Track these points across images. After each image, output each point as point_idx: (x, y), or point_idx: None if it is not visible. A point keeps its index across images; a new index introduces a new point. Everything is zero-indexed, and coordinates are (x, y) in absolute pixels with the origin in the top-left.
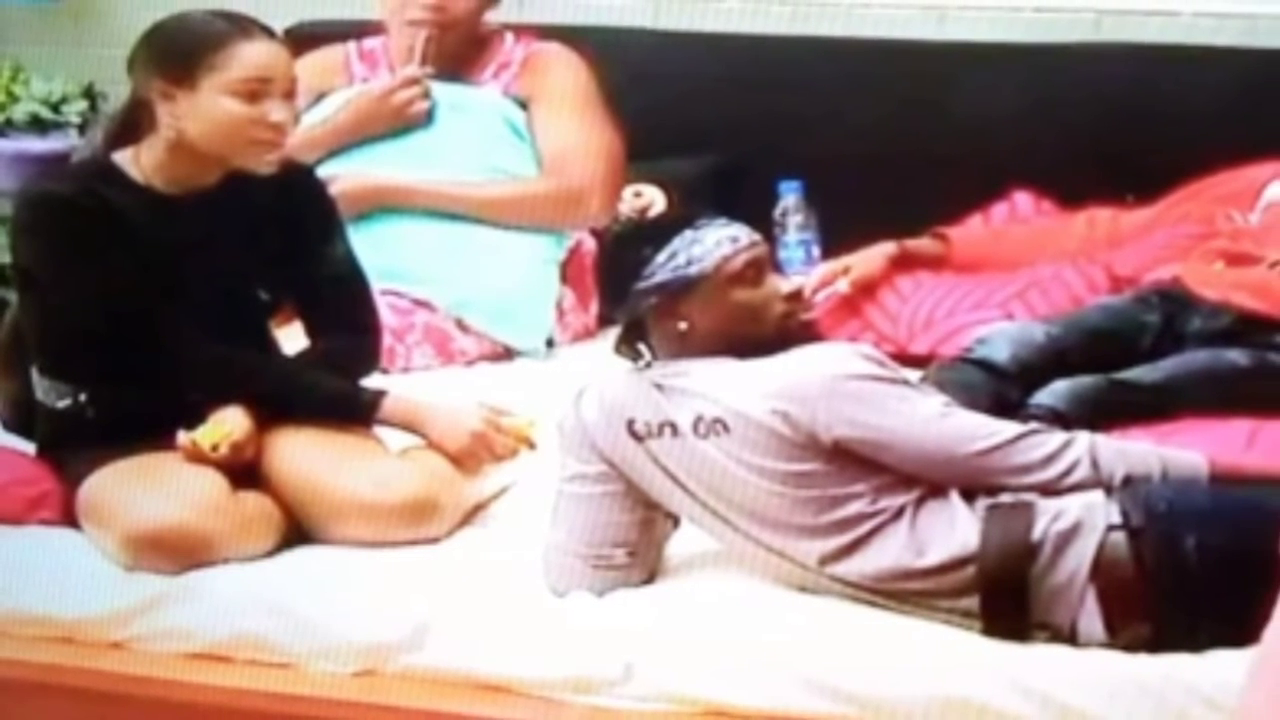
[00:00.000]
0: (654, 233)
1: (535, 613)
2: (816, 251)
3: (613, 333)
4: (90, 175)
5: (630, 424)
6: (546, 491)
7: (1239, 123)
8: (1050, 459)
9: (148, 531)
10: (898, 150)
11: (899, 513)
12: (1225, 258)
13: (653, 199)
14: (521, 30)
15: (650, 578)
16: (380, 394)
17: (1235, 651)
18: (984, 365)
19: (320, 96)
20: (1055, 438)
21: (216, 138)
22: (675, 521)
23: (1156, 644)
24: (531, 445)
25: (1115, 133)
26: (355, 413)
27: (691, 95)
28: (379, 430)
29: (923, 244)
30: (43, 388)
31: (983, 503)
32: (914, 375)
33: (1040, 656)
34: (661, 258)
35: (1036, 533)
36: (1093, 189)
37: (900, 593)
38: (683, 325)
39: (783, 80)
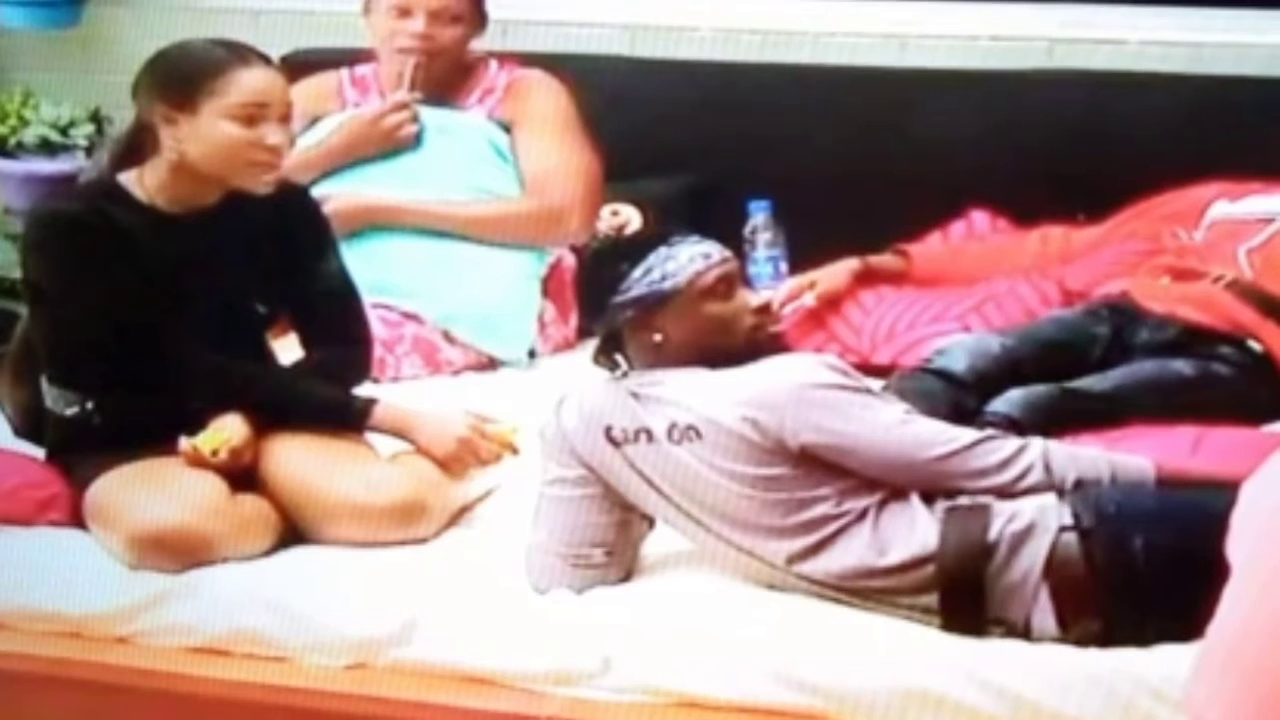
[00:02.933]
0: (630, 249)
1: (518, 609)
2: (784, 267)
3: (591, 344)
4: (96, 195)
5: (608, 430)
6: (528, 494)
7: (1184, 145)
8: (1005, 464)
9: (151, 532)
10: (861, 171)
11: (862, 514)
12: (1171, 273)
13: (629, 217)
14: (505, 58)
15: (627, 576)
16: (371, 402)
17: (1181, 646)
18: (943, 375)
19: (314, 120)
20: (1010, 443)
21: (216, 159)
22: (650, 523)
23: (1106, 639)
24: (515, 451)
25: (1067, 155)
26: (348, 420)
27: (666, 119)
28: (370, 436)
29: (885, 260)
30: (52, 396)
31: (941, 505)
32: (876, 384)
33: (996, 650)
34: (637, 273)
35: (992, 533)
36: (1046, 208)
37: (864, 590)
38: (658, 337)
39: (752, 105)
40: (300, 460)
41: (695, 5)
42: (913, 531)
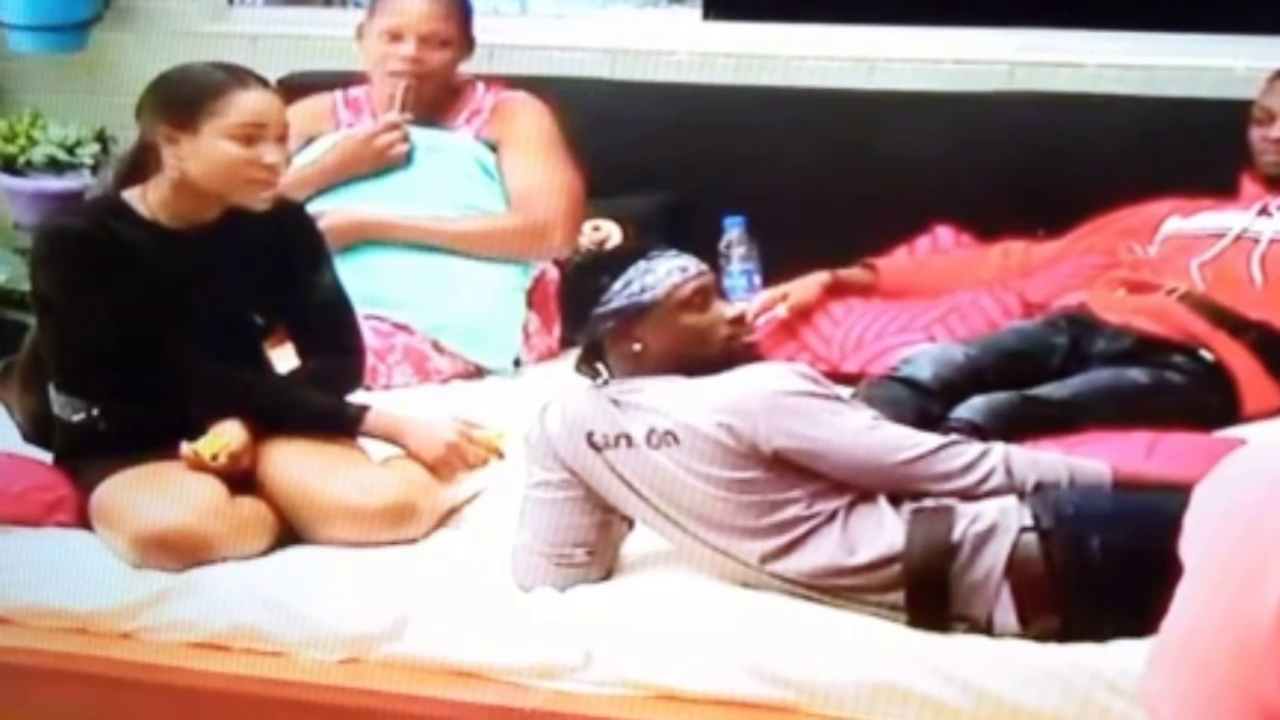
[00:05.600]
0: (611, 263)
1: (504, 606)
2: (758, 280)
3: (574, 354)
4: (102, 211)
5: (589, 436)
6: (514, 497)
7: (1139, 164)
8: (969, 467)
9: (154, 533)
10: (831, 189)
11: (832, 516)
12: (1126, 286)
13: (610, 232)
14: (491, 80)
15: (608, 574)
16: (364, 409)
17: (1136, 641)
18: (909, 383)
19: (310, 140)
20: (973, 448)
21: (216, 177)
22: (630, 524)
23: (1065, 634)
24: (501, 455)
25: (1028, 173)
26: (341, 426)
27: (645, 139)
28: (363, 441)
29: (854, 273)
30: (59, 403)
31: (908, 507)
32: (846, 392)
33: (960, 646)
34: (618, 286)
35: (956, 534)
36: (1007, 223)
37: (833, 588)
38: (637, 347)
39: (728, 125)
40: (296, 464)
41: (673, 30)
42: (880, 532)
